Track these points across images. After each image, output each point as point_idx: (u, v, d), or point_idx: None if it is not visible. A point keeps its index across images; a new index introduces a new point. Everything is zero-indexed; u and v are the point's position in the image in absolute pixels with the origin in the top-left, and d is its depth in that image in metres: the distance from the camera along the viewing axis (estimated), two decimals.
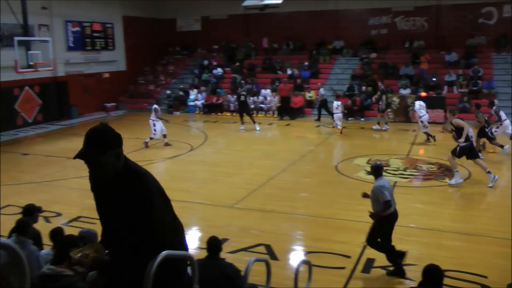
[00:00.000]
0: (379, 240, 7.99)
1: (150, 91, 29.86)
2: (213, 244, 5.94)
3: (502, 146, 15.95)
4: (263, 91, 26.63)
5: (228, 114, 26.16)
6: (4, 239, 1.89)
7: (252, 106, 25.73)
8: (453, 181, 12.92)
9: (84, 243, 5.87)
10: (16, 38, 20.55)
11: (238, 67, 29.24)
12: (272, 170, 14.79)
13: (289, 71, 27.90)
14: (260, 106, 25.93)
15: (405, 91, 24.13)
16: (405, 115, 23.33)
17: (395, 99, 23.41)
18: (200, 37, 32.78)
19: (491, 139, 15.89)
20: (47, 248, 6.91)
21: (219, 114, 26.52)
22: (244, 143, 19.41)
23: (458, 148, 12.80)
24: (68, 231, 6.82)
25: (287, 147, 18.62)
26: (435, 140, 17.85)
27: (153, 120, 18.43)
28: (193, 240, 9.94)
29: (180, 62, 32.74)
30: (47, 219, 10.94)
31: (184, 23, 33.60)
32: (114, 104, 29.02)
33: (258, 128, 21.56)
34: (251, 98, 25.94)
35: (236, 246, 9.08)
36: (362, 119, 23.91)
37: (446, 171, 13.97)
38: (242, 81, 26.58)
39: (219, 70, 29.73)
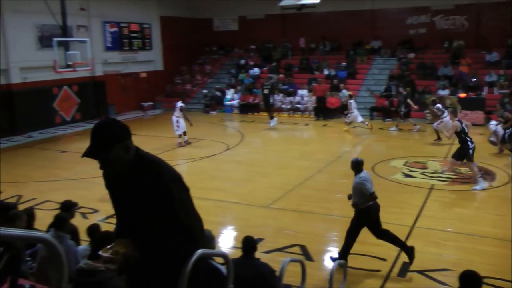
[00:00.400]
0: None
1: (186, 91, 30.10)
2: (249, 244, 5.93)
3: None
4: (299, 91, 26.58)
5: (265, 114, 26.16)
6: (43, 233, 1.93)
7: (288, 106, 25.75)
8: (477, 187, 12.66)
9: None
10: (55, 39, 20.95)
11: (274, 67, 29.24)
12: (308, 171, 14.78)
13: (326, 72, 27.79)
14: (297, 106, 25.89)
15: (444, 92, 23.75)
16: None
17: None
18: (237, 37, 32.89)
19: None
20: (84, 244, 7.05)
21: (256, 114, 26.57)
22: (281, 143, 19.41)
23: (470, 151, 12.60)
24: (104, 227, 6.96)
25: (323, 147, 18.56)
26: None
27: (176, 117, 18.65)
28: (228, 239, 10.02)
29: (217, 61, 32.90)
30: (84, 215, 11.17)
31: (221, 23, 33.77)
32: (150, 103, 29.35)
33: (272, 124, 21.69)
34: (287, 98, 25.95)
35: (271, 246, 9.10)
36: (401, 120, 23.50)
37: (485, 175, 13.70)
38: (271, 76, 26.55)
39: (255, 70, 29.78)
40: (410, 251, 8.16)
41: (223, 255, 4.08)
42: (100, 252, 3.55)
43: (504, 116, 15.94)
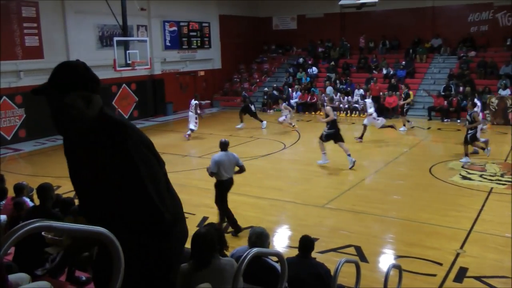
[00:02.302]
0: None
1: (244, 89, 30.36)
2: (306, 243, 5.92)
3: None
4: (357, 91, 26.43)
5: (322, 113, 26.09)
6: (101, 228, 2.01)
7: (346, 106, 25.64)
8: None
9: None
10: (116, 38, 21.53)
11: (333, 66, 29.14)
12: (365, 171, 14.76)
13: (384, 71, 27.53)
14: (355, 106, 25.73)
15: (505, 92, 23.11)
16: (504, 117, 22.35)
17: (494, 100, 22.50)
18: (295, 35, 32.96)
19: None
20: None
21: (313, 113, 26.55)
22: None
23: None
24: None
25: (381, 148, 18.43)
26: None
27: (194, 114, 19.84)
28: (283, 238, 10.11)
29: (275, 60, 33.03)
30: None
31: (280, 22, 33.92)
32: (208, 101, 29.69)
33: (264, 126, 22.11)
34: (345, 97, 25.86)
35: (326, 246, 9.13)
36: (458, 120, 22.94)
37: None
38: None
39: (314, 69, 29.75)
40: (238, 229, 9.82)
41: (277, 254, 4.17)
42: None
43: (472, 115, 15.72)
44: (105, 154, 2.64)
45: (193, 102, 20.25)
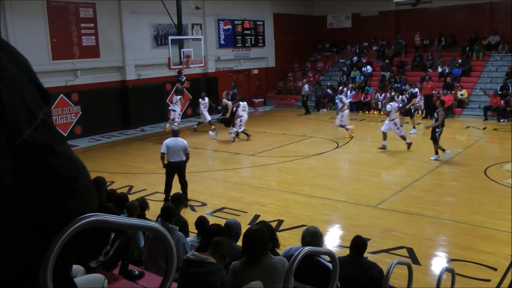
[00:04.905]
0: None
1: (298, 88, 30.39)
2: (358, 243, 5.95)
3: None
4: (411, 89, 26.00)
5: (376, 112, 25.94)
6: (154, 223, 2.10)
7: (400, 105, 25.29)
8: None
9: (230, 234, 6.32)
10: (170, 37, 21.82)
11: (387, 65, 28.84)
12: (418, 172, 14.56)
13: (440, 69, 27.07)
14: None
15: None
16: None
17: None
18: (350, 34, 32.77)
19: None
20: (192, 236, 7.42)
21: (367, 112, 26.38)
22: (390, 143, 19.15)
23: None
24: (211, 221, 7.28)
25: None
26: None
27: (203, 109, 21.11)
28: (335, 237, 10.14)
29: (329, 59, 32.93)
30: (193, 208, 11.69)
31: (334, 20, 33.80)
32: (261, 99, 29.86)
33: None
34: (400, 96, 25.51)
35: (377, 247, 9.10)
36: None
37: None
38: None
39: (368, 68, 29.52)
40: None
41: (329, 253, 4.21)
42: None
43: (438, 114, 15.35)
44: None
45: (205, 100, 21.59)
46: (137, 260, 6.76)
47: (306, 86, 27.11)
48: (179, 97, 21.72)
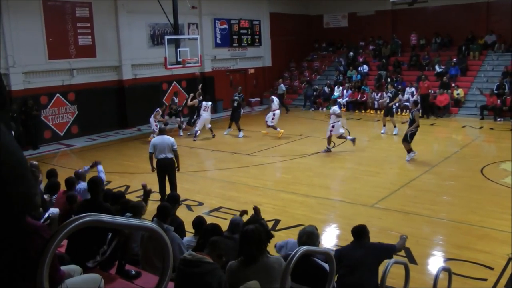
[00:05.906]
0: None
1: (294, 87, 30.37)
2: (359, 229, 6.19)
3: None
4: (408, 89, 26.09)
5: (372, 112, 25.96)
6: (150, 223, 2.09)
7: (397, 104, 25.31)
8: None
9: (233, 232, 6.33)
10: (167, 37, 21.80)
11: (383, 64, 28.86)
12: (415, 171, 14.58)
13: (437, 68, 27.08)
14: (405, 104, 25.37)
15: None
16: None
17: None
18: (346, 33, 32.78)
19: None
20: (189, 235, 7.40)
21: (363, 111, 26.40)
22: (387, 142, 19.20)
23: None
24: (208, 220, 7.26)
25: (431, 147, 18.16)
26: None
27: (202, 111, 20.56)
28: (331, 237, 10.15)
29: (326, 58, 32.93)
30: (189, 208, 11.67)
31: (331, 20, 33.82)
32: (258, 99, 29.85)
33: (240, 136, 20.74)
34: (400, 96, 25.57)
35: None
36: None
37: None
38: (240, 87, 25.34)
39: (364, 67, 29.54)
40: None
41: (326, 253, 4.21)
42: None
43: (413, 115, 15.64)
44: None
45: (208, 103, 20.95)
46: (134, 259, 6.74)
47: (282, 85, 27.47)
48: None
